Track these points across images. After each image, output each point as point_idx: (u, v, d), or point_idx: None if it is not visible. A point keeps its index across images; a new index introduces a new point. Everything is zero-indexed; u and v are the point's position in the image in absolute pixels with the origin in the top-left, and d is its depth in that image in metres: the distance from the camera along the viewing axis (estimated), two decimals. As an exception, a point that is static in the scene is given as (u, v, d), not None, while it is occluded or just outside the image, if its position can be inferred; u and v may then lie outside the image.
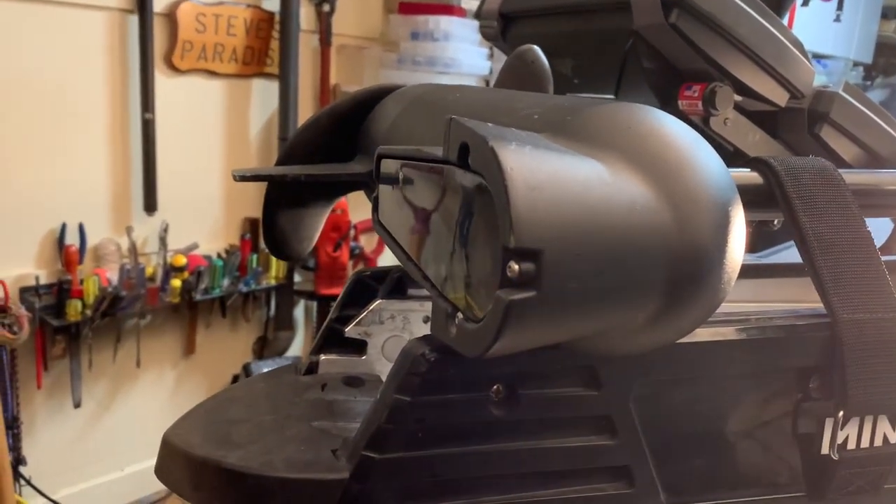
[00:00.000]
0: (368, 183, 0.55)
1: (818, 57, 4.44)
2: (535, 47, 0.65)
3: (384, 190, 0.42)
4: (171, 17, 1.88)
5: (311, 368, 0.48)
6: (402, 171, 0.39)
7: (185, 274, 1.93)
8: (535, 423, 0.39)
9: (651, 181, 0.30)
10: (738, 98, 0.80)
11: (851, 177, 0.50)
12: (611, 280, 0.28)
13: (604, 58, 0.85)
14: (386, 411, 0.36)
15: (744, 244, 0.33)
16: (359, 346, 0.49)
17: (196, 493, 0.38)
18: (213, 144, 2.06)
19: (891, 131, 0.89)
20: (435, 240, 0.34)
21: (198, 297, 1.97)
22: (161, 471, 0.40)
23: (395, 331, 0.49)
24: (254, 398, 0.44)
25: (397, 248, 0.39)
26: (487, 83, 2.28)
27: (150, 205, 1.92)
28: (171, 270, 1.92)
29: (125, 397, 2.02)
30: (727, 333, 0.43)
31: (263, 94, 2.13)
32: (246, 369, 2.04)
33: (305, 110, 2.20)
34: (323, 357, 0.49)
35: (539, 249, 0.27)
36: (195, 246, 2.01)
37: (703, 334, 0.42)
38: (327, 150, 0.60)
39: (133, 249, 1.90)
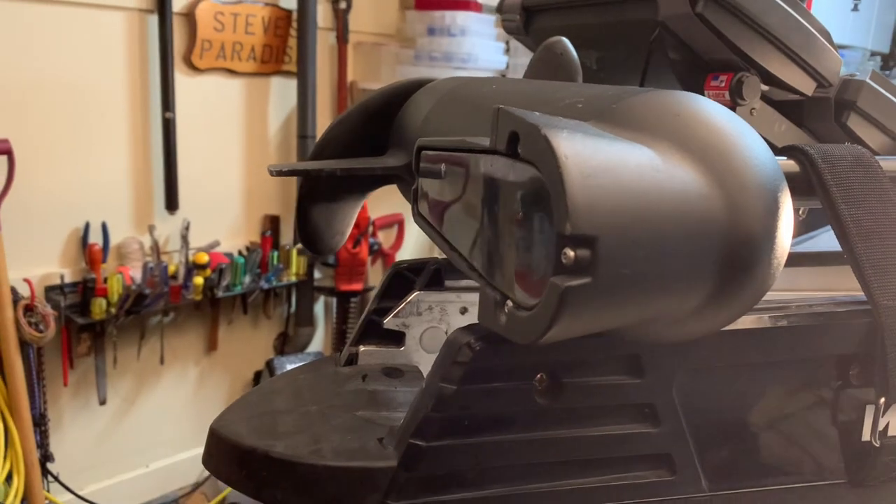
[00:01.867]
0: (402, 176, 0.56)
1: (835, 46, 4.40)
2: (564, 39, 0.65)
3: (425, 182, 0.42)
4: (189, 16, 1.90)
5: (351, 360, 0.49)
6: (445, 162, 0.39)
7: (208, 271, 1.94)
8: (578, 412, 0.40)
9: (702, 168, 0.30)
10: (764, 88, 0.80)
11: (888, 164, 0.50)
12: (664, 266, 0.29)
13: (629, 49, 0.85)
14: (432, 400, 0.37)
15: (791, 230, 0.33)
16: (397, 338, 0.50)
17: (246, 482, 0.39)
18: (232, 142, 2.07)
19: (919, 119, 0.88)
20: (480, 229, 0.35)
21: (220, 294, 1.98)
22: (209, 461, 0.41)
23: (432, 322, 0.50)
24: (296, 389, 0.45)
25: (441, 240, 0.40)
26: (504, 77, 2.28)
27: (172, 203, 1.94)
28: (193, 268, 1.94)
29: (149, 394, 2.04)
30: (767, 321, 0.43)
31: (282, 92, 2.14)
32: (269, 365, 2.05)
33: (323, 108, 2.21)
34: (362, 348, 0.49)
35: (594, 236, 0.27)
36: (216, 244, 2.03)
37: (743, 322, 0.42)
38: (359, 145, 0.60)
39: (156, 248, 1.92)
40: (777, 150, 0.52)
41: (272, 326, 2.27)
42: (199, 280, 1.93)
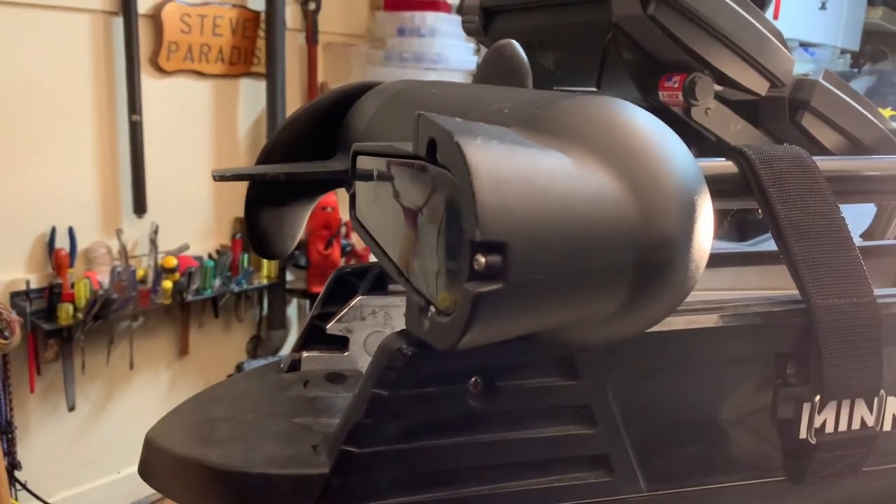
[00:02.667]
0: (348, 180, 0.56)
1: (805, 45, 4.45)
2: (514, 42, 0.65)
3: (360, 186, 0.42)
4: (155, 18, 1.88)
5: (294, 366, 0.49)
6: (377, 167, 0.39)
7: (177, 275, 1.93)
8: (514, 415, 0.40)
9: (616, 172, 0.30)
10: (718, 88, 0.81)
11: (826, 164, 0.51)
12: (577, 271, 0.29)
13: (584, 50, 0.85)
14: (364, 406, 0.37)
15: (712, 233, 0.33)
16: (341, 343, 0.50)
17: (181, 491, 0.39)
18: (201, 145, 2.06)
19: (871, 118, 0.90)
20: (408, 235, 0.35)
21: (189, 297, 1.97)
22: (145, 471, 0.41)
23: (376, 326, 0.49)
24: (236, 396, 0.44)
25: (373, 244, 0.40)
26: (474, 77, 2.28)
27: (140, 207, 1.92)
28: (162, 272, 1.92)
29: (119, 399, 2.02)
30: (703, 321, 0.43)
31: (251, 94, 2.12)
32: (239, 369, 2.04)
33: (293, 108, 2.18)
34: (305, 354, 0.49)
35: (505, 242, 0.27)
36: (186, 247, 2.01)
37: (678, 322, 0.43)
38: (309, 147, 0.60)
39: (124, 252, 1.90)
40: (716, 152, 0.53)
41: (244, 329, 2.25)
42: (167, 284, 1.91)
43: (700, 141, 0.90)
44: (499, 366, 0.39)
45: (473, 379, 0.39)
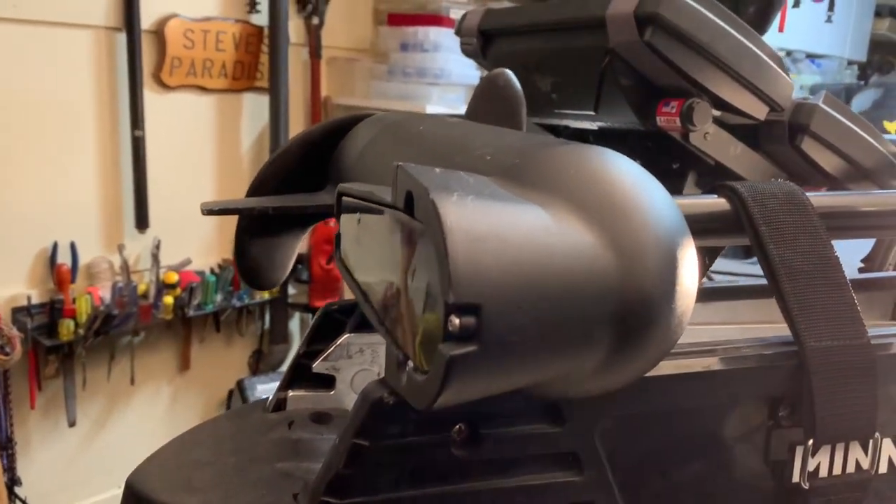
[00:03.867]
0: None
1: (812, 56, 4.44)
2: (507, 71, 0.65)
3: (345, 228, 0.42)
4: (158, 33, 1.89)
5: (279, 405, 0.48)
6: (360, 210, 0.39)
7: (178, 291, 1.93)
8: (499, 463, 0.39)
9: (596, 227, 0.30)
10: (716, 113, 0.80)
11: (819, 199, 0.50)
12: (554, 331, 0.28)
13: (582, 75, 0.85)
14: (345, 456, 0.36)
15: (696, 284, 0.32)
16: (327, 381, 0.49)
17: (157, 539, 0.38)
18: (204, 160, 2.06)
19: (872, 142, 0.89)
20: (387, 284, 0.34)
21: (191, 313, 1.97)
22: (124, 516, 0.40)
23: (363, 364, 0.49)
24: (219, 439, 0.44)
25: (356, 288, 0.39)
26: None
27: (142, 222, 1.92)
28: (163, 287, 1.92)
29: (120, 415, 2.01)
30: (693, 365, 0.43)
31: (254, 109, 2.13)
32: (240, 386, 2.03)
33: (296, 123, 2.20)
34: (291, 393, 0.48)
35: (479, 304, 0.26)
36: (188, 262, 2.01)
37: (667, 367, 0.42)
38: (300, 178, 0.60)
39: (125, 267, 1.90)
40: (709, 188, 0.52)
41: (246, 344, 2.25)
42: (168, 300, 1.91)
43: (699, 164, 0.89)
44: (483, 413, 0.38)
45: (458, 427, 0.38)
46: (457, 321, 0.26)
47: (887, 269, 0.84)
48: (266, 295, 2.15)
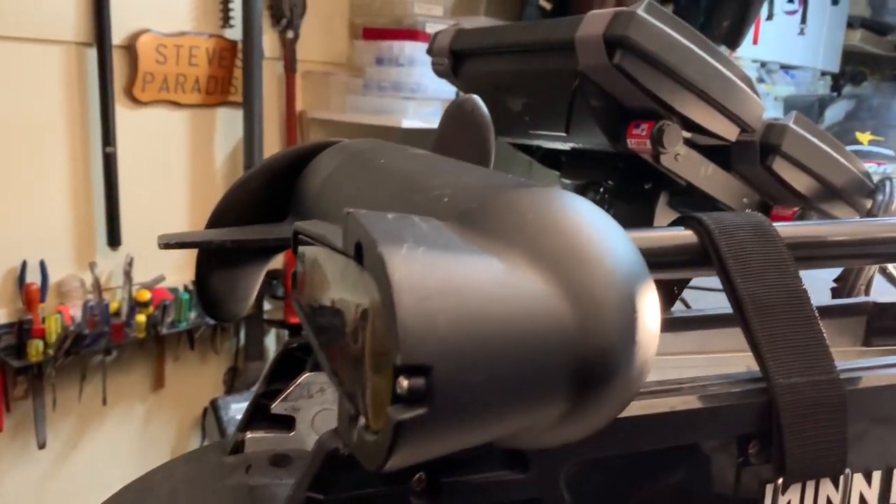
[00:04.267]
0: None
1: (786, 68, 4.49)
2: (475, 97, 0.64)
3: (300, 267, 0.40)
4: (130, 49, 1.86)
5: (237, 447, 0.47)
6: (315, 252, 0.37)
7: (150, 309, 1.90)
8: (460, 511, 0.38)
9: (552, 277, 0.29)
10: (686, 134, 0.80)
11: (786, 230, 0.50)
12: (510, 389, 0.27)
13: (552, 96, 0.84)
14: (298, 510, 0.35)
15: (657, 331, 0.32)
16: (288, 422, 0.48)
17: None
18: (177, 175, 2.03)
19: (842, 161, 0.89)
20: (340, 333, 0.33)
21: (164, 331, 1.94)
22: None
23: (324, 404, 0.48)
24: (173, 486, 0.42)
25: (310, 332, 0.38)
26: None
27: (114, 239, 1.89)
28: (136, 305, 1.89)
29: (92, 436, 1.98)
30: (659, 406, 0.42)
31: (228, 124, 2.10)
32: (213, 405, 2.00)
33: (271, 137, 2.18)
34: (249, 435, 0.47)
35: (428, 365, 0.25)
36: (161, 279, 1.98)
37: (634, 408, 0.41)
38: (262, 209, 0.58)
39: (97, 285, 1.87)
40: (676, 219, 0.52)
41: (221, 361, 2.22)
42: (141, 318, 1.88)
43: (671, 184, 0.89)
44: (443, 461, 0.37)
45: (417, 476, 0.37)
46: (405, 383, 0.25)
47: (859, 289, 0.84)
48: (241, 312, 2.12)
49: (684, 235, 0.48)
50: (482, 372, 0.26)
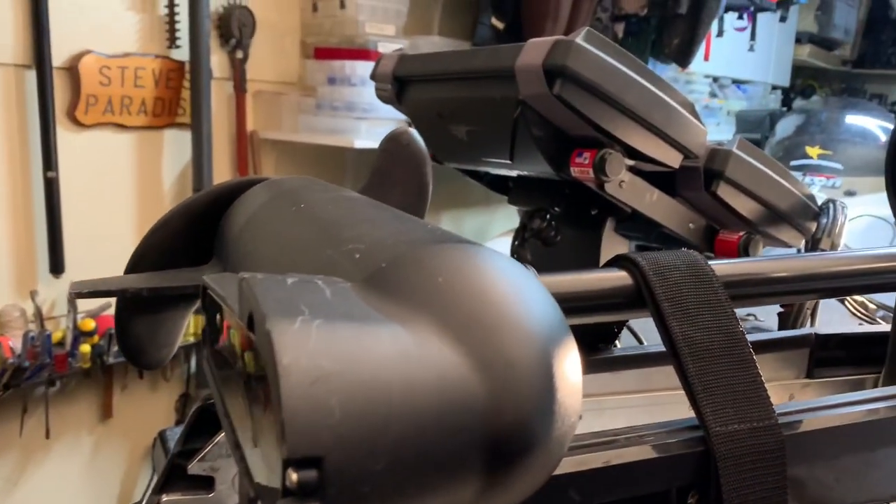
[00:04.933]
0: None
1: (738, 82, 4.59)
2: (410, 130, 0.63)
3: (208, 325, 0.38)
4: (72, 70, 1.81)
5: (152, 513, 0.44)
6: (218, 311, 0.35)
7: (96, 338, 1.84)
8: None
9: (462, 347, 0.27)
10: (630, 162, 0.79)
11: (723, 268, 0.49)
12: (415, 473, 0.25)
13: (495, 124, 0.83)
14: None
15: (579, 397, 0.30)
16: (207, 483, 0.45)
17: None
18: (123, 199, 1.98)
19: (786, 185, 0.89)
20: (240, 406, 0.31)
21: (111, 360, 1.88)
22: None
23: (246, 463, 0.45)
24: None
25: (218, 398, 0.35)
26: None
27: (57, 266, 1.83)
28: (80, 335, 1.83)
29: (35, 472, 1.90)
30: (592, 461, 0.40)
31: (176, 145, 2.06)
32: (161, 436, 1.94)
33: (222, 159, 2.14)
34: (166, 498, 0.44)
35: (320, 456, 0.23)
36: (108, 306, 1.92)
37: (566, 464, 0.39)
38: (184, 252, 0.56)
39: (39, 314, 1.80)
40: (609, 260, 0.50)
41: (172, 388, 2.16)
42: (86, 347, 1.82)
43: (618, 210, 0.88)
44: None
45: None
46: (294, 476, 0.23)
47: (805, 316, 0.83)
48: (191, 337, 2.07)
49: (618, 277, 0.47)
50: (382, 458, 0.24)
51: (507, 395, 0.27)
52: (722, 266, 0.48)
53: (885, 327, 0.64)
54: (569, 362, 0.29)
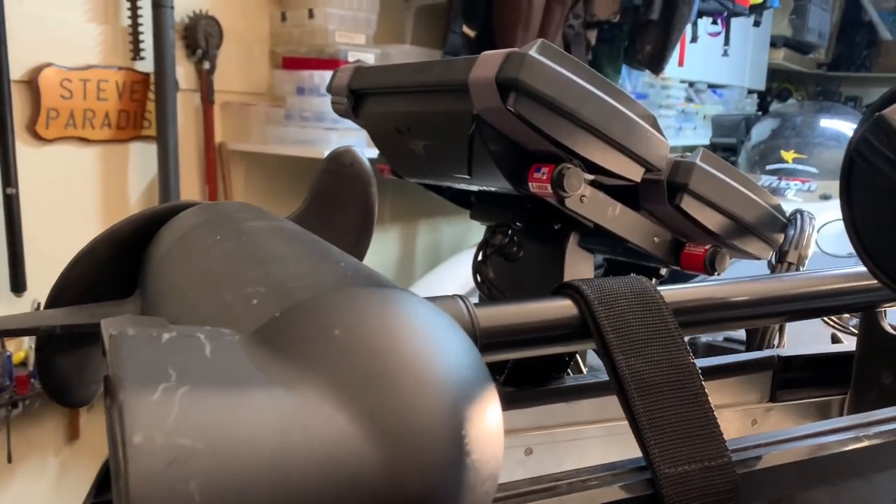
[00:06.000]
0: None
1: (714, 87, 4.60)
2: (352, 148, 0.60)
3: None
4: (31, 84, 1.77)
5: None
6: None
7: (59, 357, 1.79)
8: None
9: (356, 414, 0.24)
10: (590, 177, 0.77)
11: (673, 294, 0.46)
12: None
13: (452, 139, 0.80)
14: None
15: (498, 457, 0.27)
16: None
17: None
18: (88, 215, 1.93)
19: (752, 196, 0.87)
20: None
21: (76, 380, 1.83)
22: None
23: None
24: None
25: (112, 457, 0.32)
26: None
27: (18, 285, 1.78)
28: (43, 355, 1.78)
29: (-2, 496, 1.85)
30: (531, 511, 0.37)
31: (142, 159, 2.02)
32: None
33: (190, 171, 2.10)
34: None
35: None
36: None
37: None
38: (109, 283, 0.52)
39: (-1, 335, 1.75)
40: (554, 288, 0.48)
41: (142, 407, 2.11)
42: (49, 368, 1.77)
43: (581, 224, 0.85)
44: None
45: None
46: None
47: (773, 332, 0.81)
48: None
49: (562, 307, 0.44)
50: (254, 548, 0.21)
51: (407, 468, 0.24)
52: (672, 292, 0.46)
53: (851, 346, 0.62)
54: (486, 420, 0.26)
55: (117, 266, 0.52)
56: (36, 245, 1.80)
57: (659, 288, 0.45)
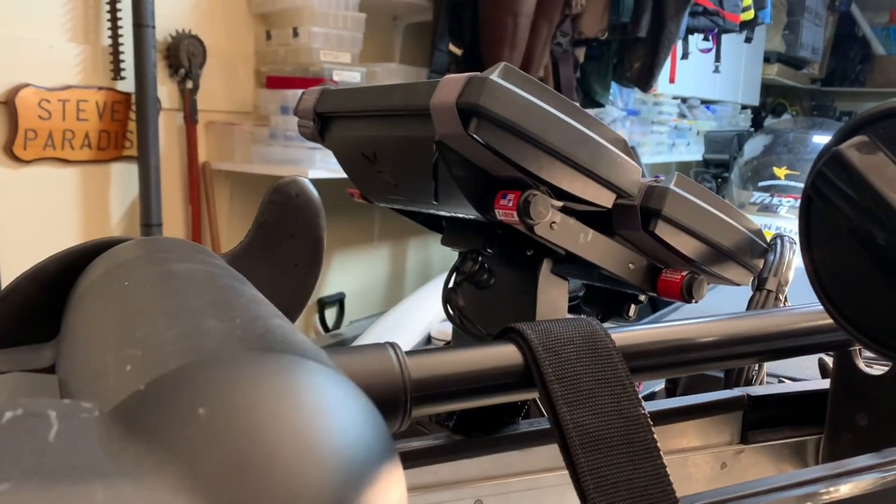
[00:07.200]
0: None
1: (706, 103, 4.59)
2: (300, 179, 0.57)
3: None
4: (9, 104, 1.74)
5: None
6: None
7: (35, 383, 1.75)
8: None
9: (213, 509, 0.21)
10: (558, 203, 0.74)
11: (624, 337, 0.43)
12: None
13: (417, 165, 0.77)
14: None
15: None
16: None
17: None
18: (68, 237, 1.91)
19: (729, 220, 0.84)
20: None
21: (53, 405, 1.79)
22: None
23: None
24: None
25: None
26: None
27: (-6, 308, 1.75)
28: (18, 380, 1.74)
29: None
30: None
31: (124, 179, 1.99)
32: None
33: (173, 192, 2.07)
34: None
35: None
36: (50, 348, 1.84)
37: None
38: (36, 324, 0.49)
39: (-26, 360, 1.72)
40: (499, 332, 0.45)
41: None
42: (24, 393, 1.73)
43: (554, 251, 0.83)
44: None
45: None
46: None
47: (749, 371, 0.78)
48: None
49: (505, 353, 0.41)
50: None
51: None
52: (624, 335, 0.43)
53: (825, 383, 0.59)
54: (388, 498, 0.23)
55: (42, 306, 0.49)
56: (13, 270, 1.77)
57: (610, 330, 0.42)
